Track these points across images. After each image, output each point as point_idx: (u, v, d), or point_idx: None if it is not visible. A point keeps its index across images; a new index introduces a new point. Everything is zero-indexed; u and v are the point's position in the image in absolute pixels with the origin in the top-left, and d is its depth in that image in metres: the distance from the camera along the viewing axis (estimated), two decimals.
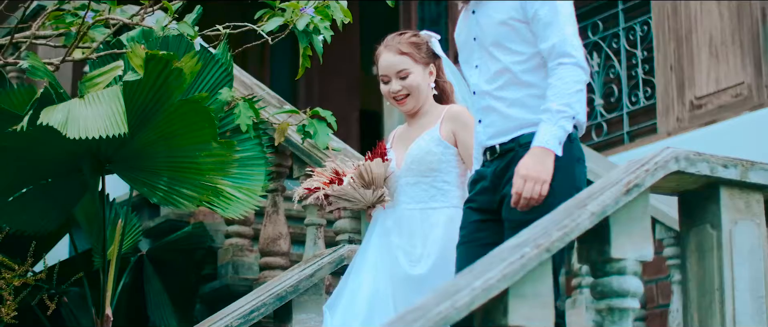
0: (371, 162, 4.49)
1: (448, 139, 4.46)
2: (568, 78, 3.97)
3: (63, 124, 4.68)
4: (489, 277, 3.60)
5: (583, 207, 3.88)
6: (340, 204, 4.56)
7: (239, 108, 5.59)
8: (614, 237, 3.95)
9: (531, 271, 3.69)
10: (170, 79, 4.99)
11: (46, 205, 5.44)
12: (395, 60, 4.51)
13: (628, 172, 4.03)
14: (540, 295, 3.73)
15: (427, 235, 4.41)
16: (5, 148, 5.16)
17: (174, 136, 5.17)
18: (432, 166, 4.44)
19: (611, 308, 3.99)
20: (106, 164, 5.31)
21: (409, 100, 4.52)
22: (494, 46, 4.11)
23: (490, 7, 4.13)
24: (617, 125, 7.92)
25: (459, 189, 4.47)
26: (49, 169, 5.33)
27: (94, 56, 5.52)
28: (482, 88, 4.14)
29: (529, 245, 3.71)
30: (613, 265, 3.98)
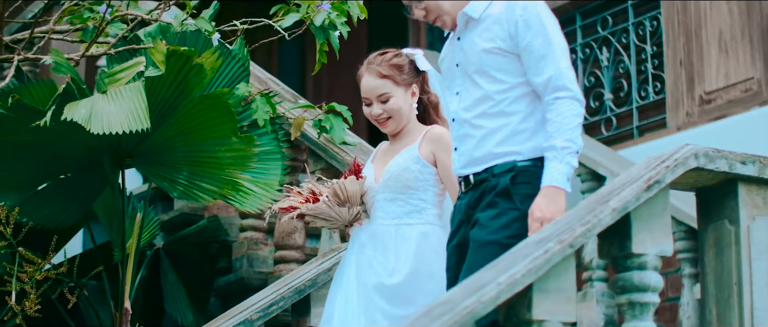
0: (346, 180, 4.49)
1: (427, 159, 4.44)
2: (568, 113, 3.96)
3: (86, 119, 4.73)
4: (514, 272, 3.65)
5: (605, 203, 3.93)
6: (317, 223, 4.55)
7: (256, 103, 5.63)
8: (635, 232, 4.00)
9: (554, 267, 3.75)
10: (191, 75, 5.04)
11: (66, 200, 5.50)
12: (376, 83, 4.49)
13: (649, 168, 4.08)
14: (563, 290, 3.78)
15: (400, 250, 4.39)
16: (26, 143, 5.21)
17: (194, 131, 5.22)
18: (408, 184, 4.42)
19: (632, 302, 4.05)
20: (125, 159, 5.36)
21: (390, 123, 4.51)
22: (477, 73, 4.08)
23: (476, 34, 4.11)
24: (627, 120, 7.97)
25: (435, 207, 4.46)
26: (69, 163, 5.38)
27: (112, 51, 5.58)
28: (461, 115, 4.12)
29: (553, 241, 3.76)
30: (634, 260, 4.03)
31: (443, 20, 4.17)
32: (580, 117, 3.99)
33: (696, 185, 4.32)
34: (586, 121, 8.20)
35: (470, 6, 4.13)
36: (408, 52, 4.58)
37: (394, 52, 4.57)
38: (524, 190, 4.01)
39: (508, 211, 3.99)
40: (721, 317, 4.23)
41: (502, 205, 4.00)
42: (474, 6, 4.13)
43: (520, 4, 4.04)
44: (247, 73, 5.74)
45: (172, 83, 5.06)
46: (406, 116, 4.51)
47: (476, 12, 4.12)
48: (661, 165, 4.08)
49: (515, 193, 4.00)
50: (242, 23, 5.72)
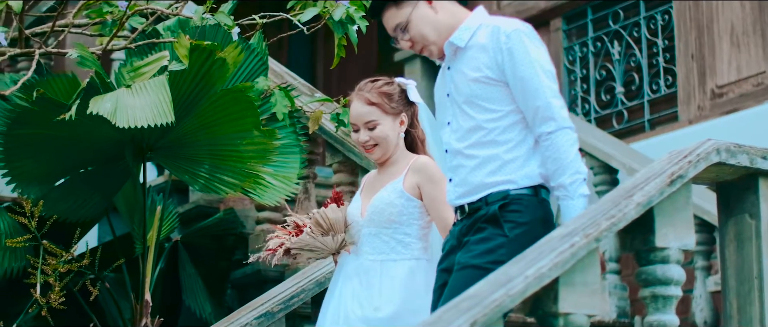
0: (327, 209, 4.45)
1: (411, 192, 4.38)
2: (563, 145, 3.93)
3: (112, 113, 4.78)
4: (541, 266, 3.70)
5: (629, 197, 3.98)
6: (304, 255, 4.52)
7: (275, 97, 5.67)
8: (658, 226, 4.06)
9: (580, 260, 3.80)
10: (213, 69, 5.09)
11: (87, 193, 5.55)
12: (363, 110, 4.43)
13: (672, 163, 4.13)
14: (588, 284, 3.84)
15: (384, 288, 4.34)
16: (49, 137, 5.26)
17: (216, 125, 5.28)
18: (392, 219, 4.36)
19: (655, 295, 4.11)
20: (147, 152, 5.40)
21: (376, 150, 4.45)
22: (466, 103, 4.02)
23: (463, 64, 4.04)
24: (638, 113, 8.01)
25: (421, 241, 4.41)
26: (91, 157, 5.43)
27: (132, 46, 5.62)
28: (453, 146, 4.07)
29: (579, 235, 3.81)
30: (657, 254, 4.09)
31: (430, 50, 4.11)
32: (575, 144, 3.95)
33: (716, 180, 4.37)
34: (597, 114, 8.25)
35: (456, 34, 4.05)
36: (400, 81, 4.53)
37: (386, 80, 4.53)
38: (514, 217, 3.96)
39: (495, 237, 3.95)
40: (742, 310, 4.28)
41: (489, 230, 3.96)
42: (459, 34, 4.05)
43: (504, 31, 3.96)
44: (266, 67, 5.79)
45: (194, 77, 5.11)
46: (393, 145, 4.45)
47: (462, 41, 4.04)
48: (684, 160, 4.12)
49: (504, 220, 3.95)
50: (261, 17, 5.76)
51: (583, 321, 3.84)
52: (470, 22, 4.06)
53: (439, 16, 4.07)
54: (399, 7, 4.08)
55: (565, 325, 3.82)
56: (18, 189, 5.41)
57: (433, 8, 4.07)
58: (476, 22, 4.05)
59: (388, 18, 4.11)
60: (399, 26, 4.08)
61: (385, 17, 4.13)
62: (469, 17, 4.08)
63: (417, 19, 4.06)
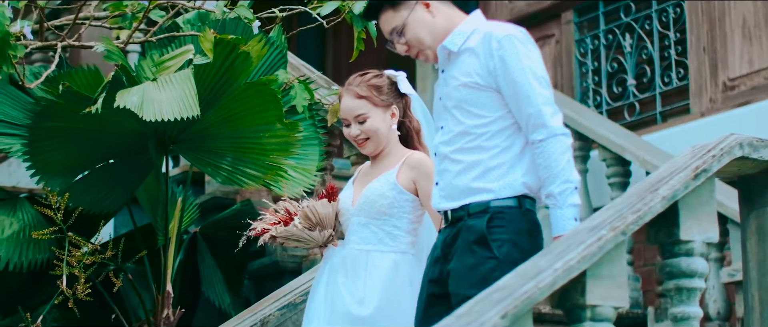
0: (317, 203, 4.45)
1: (405, 186, 4.36)
2: (554, 153, 3.89)
3: (139, 106, 4.83)
4: (569, 258, 3.76)
5: (655, 191, 4.04)
6: (291, 244, 4.51)
7: (295, 89, 5.72)
8: (683, 220, 4.12)
9: (607, 253, 3.86)
10: (237, 63, 5.14)
11: (111, 185, 5.60)
12: (353, 104, 4.42)
13: (695, 157, 4.18)
14: (615, 276, 3.89)
15: (369, 278, 4.33)
16: (73, 129, 5.31)
17: (239, 118, 5.33)
18: (383, 210, 4.35)
19: (679, 288, 4.16)
20: (169, 145, 5.46)
21: (368, 144, 4.44)
22: (456, 107, 4.00)
23: (455, 68, 4.02)
24: (650, 105, 8.06)
25: (409, 235, 4.39)
26: (114, 149, 5.48)
27: (153, 39, 5.67)
28: (441, 150, 4.06)
29: (606, 228, 3.87)
30: (682, 247, 4.15)
31: (426, 54, 4.09)
32: (567, 151, 3.90)
33: (738, 174, 4.43)
34: (609, 106, 8.30)
35: (449, 39, 4.04)
36: (390, 74, 4.51)
37: (375, 72, 4.52)
38: (500, 234, 3.94)
39: (486, 261, 3.92)
40: (764, 302, 4.34)
41: (479, 254, 3.93)
42: (453, 39, 4.04)
43: (496, 37, 3.93)
44: (285, 60, 5.84)
45: (218, 71, 5.17)
46: (385, 138, 4.44)
47: (455, 45, 4.03)
48: (708, 154, 4.18)
49: (492, 240, 3.93)
50: (281, 11, 5.81)
51: (610, 313, 3.90)
52: (464, 26, 4.04)
53: (436, 19, 4.05)
54: (396, 10, 4.06)
55: (592, 317, 3.88)
56: (42, 181, 5.46)
57: (429, 12, 4.05)
58: (471, 27, 4.03)
59: (385, 21, 4.10)
60: (395, 29, 4.06)
61: (381, 20, 4.11)
62: (464, 21, 4.06)
63: (413, 22, 4.04)
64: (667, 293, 4.21)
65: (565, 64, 8.68)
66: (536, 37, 8.82)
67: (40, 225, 5.55)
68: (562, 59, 8.71)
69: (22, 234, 5.44)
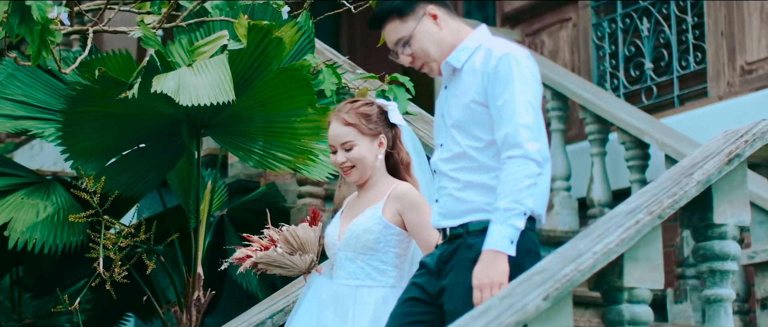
0: (297, 227, 4.41)
1: (391, 219, 4.29)
2: (517, 173, 3.77)
3: (175, 91, 4.90)
4: (608, 242, 3.84)
5: (690, 175, 4.12)
6: (274, 271, 4.45)
7: (323, 74, 5.79)
8: (716, 204, 4.20)
9: (644, 237, 3.94)
10: (270, 48, 5.21)
11: (143, 169, 5.68)
12: (340, 131, 4.35)
13: (728, 142, 4.26)
14: (651, 259, 3.98)
15: (358, 314, 4.26)
16: (107, 113, 5.38)
17: (270, 102, 5.40)
18: (368, 245, 4.29)
19: (712, 270, 4.25)
20: (201, 129, 5.53)
21: (354, 172, 4.37)
22: (455, 127, 3.95)
23: (458, 87, 3.96)
24: (667, 89, 8.11)
25: (396, 269, 4.34)
26: (147, 133, 5.55)
27: (184, 24, 5.73)
28: (440, 167, 4.00)
29: (642, 212, 3.96)
30: (715, 230, 4.23)
31: (431, 67, 4.03)
32: (531, 178, 3.78)
33: None
34: (626, 89, 8.36)
35: (453, 55, 3.98)
36: (381, 103, 4.45)
37: (365, 100, 4.47)
38: None
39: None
40: None
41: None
42: (457, 55, 3.98)
43: (495, 54, 3.88)
44: (313, 45, 5.91)
45: (251, 56, 5.24)
46: (371, 167, 4.37)
47: (459, 62, 3.97)
48: (740, 139, 4.26)
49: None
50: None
51: (646, 295, 3.99)
52: (469, 42, 3.98)
53: (443, 32, 3.99)
54: (403, 21, 3.98)
55: (629, 299, 3.97)
56: (76, 165, 5.54)
57: (437, 24, 3.98)
58: (475, 43, 3.98)
59: (391, 30, 4.02)
60: (402, 40, 3.99)
61: (387, 29, 4.03)
62: (469, 37, 4.00)
63: (421, 34, 3.97)
64: (700, 275, 4.29)
65: (582, 47, 8.74)
66: (553, 21, 8.96)
67: (72, 208, 5.62)
68: (579, 43, 8.77)
69: (57, 217, 5.51)
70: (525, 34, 9.19)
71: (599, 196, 7.56)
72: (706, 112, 7.69)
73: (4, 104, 5.85)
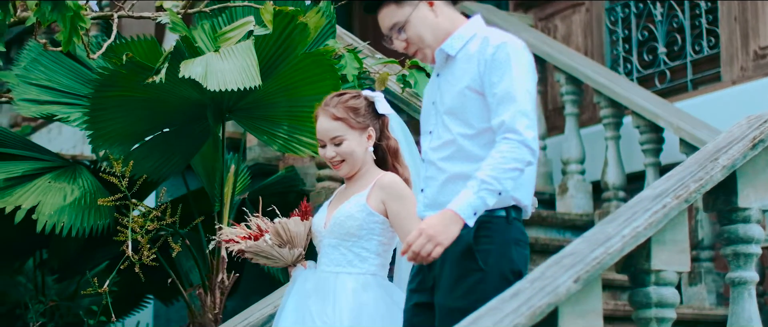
0: (289, 220, 4.40)
1: (375, 207, 4.29)
2: (508, 154, 3.73)
3: (203, 76, 4.96)
4: (636, 225, 3.91)
5: (715, 160, 4.19)
6: (258, 260, 4.44)
7: (345, 59, 5.85)
8: (740, 188, 4.27)
9: (671, 220, 4.01)
10: (294, 34, 5.27)
11: (169, 152, 5.74)
12: (329, 126, 4.34)
13: (752, 128, 4.33)
14: (678, 242, 4.05)
15: (337, 301, 4.26)
16: (133, 99, 5.44)
17: (295, 87, 5.46)
18: (352, 232, 4.29)
19: (737, 253, 4.32)
20: (226, 113, 5.59)
21: (344, 166, 4.37)
22: (448, 114, 3.91)
23: (451, 74, 3.94)
24: (680, 73, 8.16)
25: (379, 257, 4.33)
26: (172, 118, 5.61)
27: (207, 9, 5.80)
28: (429, 156, 3.97)
29: (669, 196, 4.03)
30: (739, 214, 4.30)
31: (424, 53, 4.00)
32: (520, 163, 3.73)
33: None
34: (639, 73, 8.42)
35: (448, 42, 3.96)
36: (368, 95, 4.43)
37: (353, 93, 4.44)
38: (487, 245, 3.84)
39: (471, 273, 3.82)
40: None
41: (465, 265, 3.83)
42: (451, 43, 3.96)
43: (494, 42, 3.86)
44: (334, 30, 5.97)
45: (276, 41, 5.30)
46: (361, 159, 4.37)
47: (453, 49, 3.95)
48: (765, 124, 4.33)
49: (478, 251, 3.83)
50: None
51: (673, 277, 4.06)
52: (464, 30, 3.97)
53: (439, 19, 3.97)
54: (400, 6, 3.95)
55: (656, 281, 4.04)
56: (103, 149, 5.61)
57: (433, 11, 3.96)
58: (470, 32, 3.96)
59: (386, 15, 3.98)
60: (397, 25, 3.96)
61: (382, 14, 3.99)
62: (464, 25, 3.99)
63: (416, 20, 3.94)
64: (724, 258, 4.36)
65: (595, 32, 8.80)
66: (566, 6, 9.01)
67: (98, 192, 5.69)
68: (592, 27, 8.82)
69: (83, 200, 5.58)
70: (538, 18, 9.25)
71: (614, 179, 7.63)
72: (719, 96, 7.74)
73: (29, 89, 5.93)
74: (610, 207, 7.55)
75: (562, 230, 7.67)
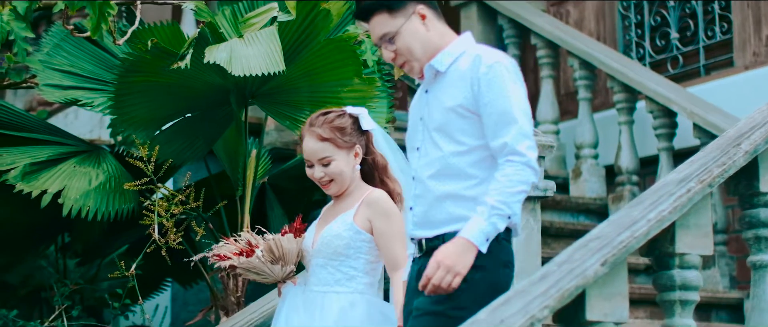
0: (282, 237, 4.38)
1: (363, 226, 4.27)
2: (514, 177, 3.74)
3: (227, 62, 5.03)
4: (662, 209, 3.98)
5: (737, 146, 4.25)
6: (249, 276, 4.42)
7: (365, 44, 5.91)
8: (762, 173, 4.34)
9: (695, 205, 4.08)
10: (317, 20, 5.33)
11: (192, 137, 5.81)
12: (316, 147, 4.33)
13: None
14: (701, 226, 4.13)
15: (324, 320, 4.25)
16: (157, 84, 5.50)
17: (317, 73, 5.52)
18: (339, 251, 4.27)
19: (758, 237, 4.39)
20: (249, 98, 5.66)
21: (332, 186, 4.36)
22: (437, 131, 3.88)
23: (441, 91, 3.91)
24: (693, 58, 8.21)
25: (367, 276, 4.31)
26: (196, 103, 5.68)
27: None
28: (419, 173, 3.94)
29: (693, 181, 4.10)
30: (761, 198, 4.36)
31: (412, 66, 3.96)
32: (526, 185, 3.75)
33: None
34: (652, 59, 8.47)
35: (438, 58, 3.93)
36: (352, 112, 4.41)
37: (337, 112, 4.41)
38: (475, 263, 3.76)
39: (461, 292, 3.76)
40: None
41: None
42: (441, 59, 3.93)
43: (486, 61, 3.83)
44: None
45: (299, 27, 5.36)
46: (349, 178, 4.35)
47: (443, 65, 3.92)
48: None
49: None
50: None
51: (697, 261, 4.13)
52: (454, 47, 3.94)
53: (430, 34, 3.94)
54: (392, 16, 3.92)
55: (680, 264, 4.12)
56: (126, 133, 5.67)
57: (425, 24, 3.93)
58: (460, 49, 3.93)
59: (378, 24, 3.96)
60: (387, 35, 3.93)
61: (374, 22, 3.97)
62: (454, 42, 3.96)
63: (407, 32, 3.91)
64: (745, 242, 4.43)
65: (607, 17, 8.84)
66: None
67: (123, 176, 5.75)
68: (605, 12, 8.87)
69: (109, 185, 5.64)
70: (550, 3, 9.29)
71: (627, 163, 7.70)
72: (732, 81, 7.79)
73: (52, 74, 5.98)
74: (624, 191, 7.62)
75: (576, 214, 7.75)
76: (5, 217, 5.57)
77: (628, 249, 3.85)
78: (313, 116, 4.39)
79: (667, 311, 4.17)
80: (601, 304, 3.78)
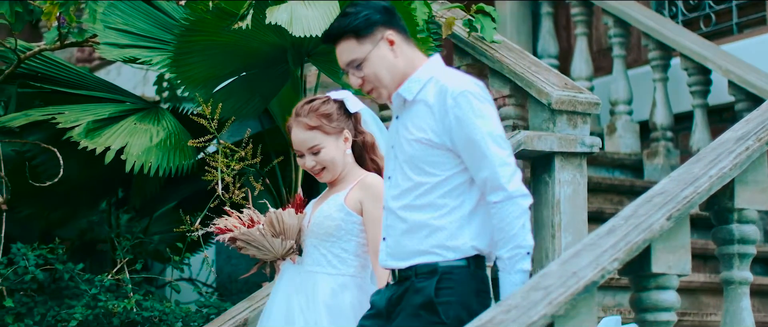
0: (284, 211, 4.37)
1: (353, 208, 4.29)
2: (508, 216, 3.73)
3: (288, 22, 5.17)
4: (722, 166, 4.14)
5: None
6: (249, 251, 4.43)
7: (415, 4, 6.04)
8: None
9: (753, 162, 4.24)
10: None
11: (249, 94, 5.96)
12: (305, 136, 4.33)
13: None
14: (759, 182, 4.29)
15: (316, 301, 4.28)
16: (216, 43, 5.64)
17: None
18: (330, 232, 4.29)
19: None
20: (305, 57, 5.80)
21: (325, 173, 4.38)
22: (406, 162, 3.83)
23: (409, 120, 3.84)
24: (726, 16, 8.33)
25: (358, 258, 4.34)
26: (253, 61, 5.81)
27: None
28: (389, 204, 3.90)
29: (751, 138, 4.25)
30: None
31: (380, 92, 3.92)
32: (522, 216, 3.73)
33: None
34: (684, 16, 8.59)
35: (405, 85, 3.86)
36: (336, 96, 4.41)
37: (322, 98, 4.40)
38: (448, 296, 3.78)
39: (433, 326, 3.77)
40: None
41: (425, 318, 3.78)
42: (409, 86, 3.86)
43: (451, 93, 3.75)
44: None
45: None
46: (341, 164, 4.37)
47: (410, 93, 3.85)
48: None
49: (439, 303, 3.77)
50: None
51: (754, 216, 4.29)
52: (421, 73, 3.87)
53: (398, 60, 3.88)
54: (360, 42, 3.86)
55: (739, 219, 4.28)
56: (187, 91, 5.83)
57: (393, 51, 3.87)
58: (427, 75, 3.87)
59: (345, 50, 3.88)
60: (355, 62, 3.87)
61: (341, 47, 3.89)
62: (422, 68, 3.89)
63: (375, 58, 3.85)
64: None
65: None
66: None
67: (181, 132, 5.90)
68: None
69: (169, 141, 5.78)
70: None
71: (662, 119, 7.85)
72: (764, 39, 7.92)
73: (108, 33, 6.13)
74: (658, 147, 7.77)
75: (612, 169, 7.91)
76: (66, 174, 5.71)
77: (692, 204, 4.01)
78: (298, 106, 4.39)
79: (725, 264, 4.34)
80: (666, 257, 3.95)
